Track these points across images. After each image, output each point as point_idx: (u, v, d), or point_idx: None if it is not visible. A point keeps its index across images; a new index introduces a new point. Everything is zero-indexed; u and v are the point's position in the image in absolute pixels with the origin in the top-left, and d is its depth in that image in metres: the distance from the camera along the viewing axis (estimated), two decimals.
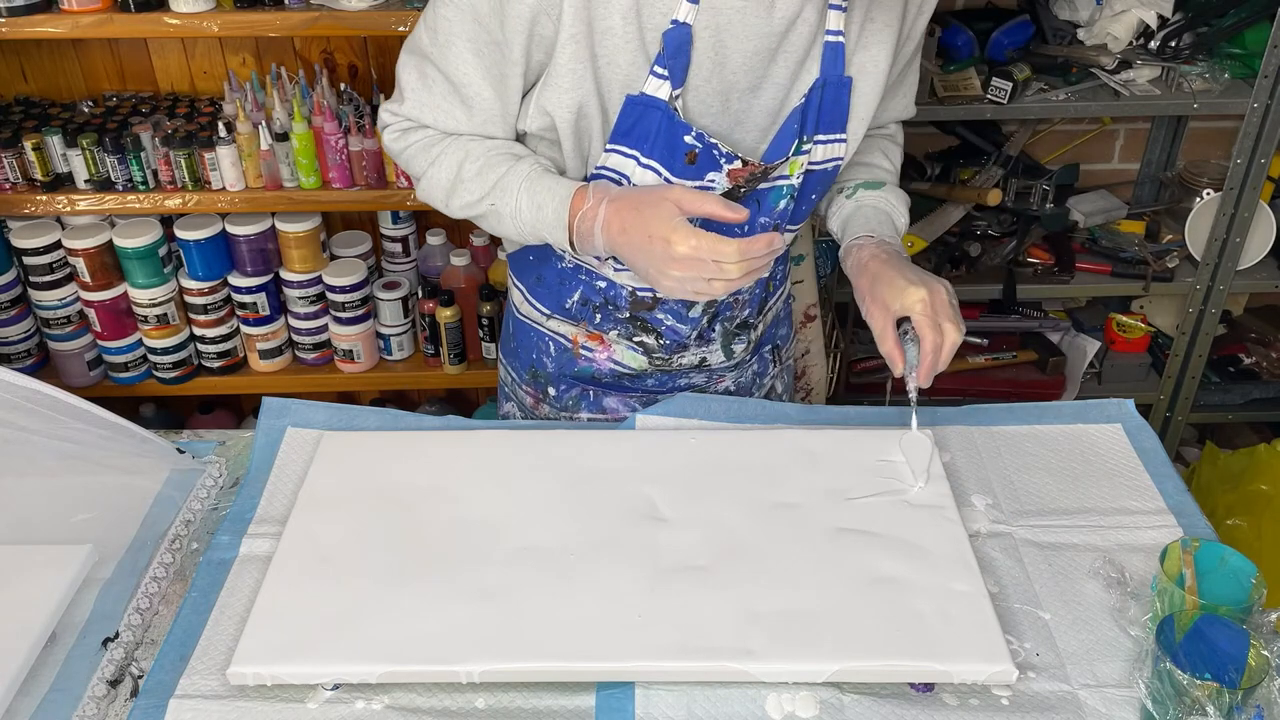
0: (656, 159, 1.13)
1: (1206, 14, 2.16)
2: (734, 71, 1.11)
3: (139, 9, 1.89)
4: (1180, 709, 0.87)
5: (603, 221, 1.10)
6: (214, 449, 1.28)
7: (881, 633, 0.98)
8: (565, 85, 1.10)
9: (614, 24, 1.06)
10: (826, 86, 1.14)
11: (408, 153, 1.21)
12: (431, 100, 1.17)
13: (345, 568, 1.05)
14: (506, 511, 1.12)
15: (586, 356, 1.34)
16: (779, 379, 1.50)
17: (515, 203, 1.14)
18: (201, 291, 2.19)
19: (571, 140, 1.15)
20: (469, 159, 1.17)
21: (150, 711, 0.94)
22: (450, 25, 1.11)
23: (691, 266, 1.06)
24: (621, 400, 1.37)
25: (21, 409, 1.11)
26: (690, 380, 1.38)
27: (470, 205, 1.18)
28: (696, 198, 1.07)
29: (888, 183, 1.31)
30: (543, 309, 1.35)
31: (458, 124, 1.17)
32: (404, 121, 1.21)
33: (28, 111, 2.14)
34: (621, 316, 1.30)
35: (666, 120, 1.10)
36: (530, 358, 1.39)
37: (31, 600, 1.02)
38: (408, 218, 2.28)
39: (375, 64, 2.23)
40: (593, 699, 0.96)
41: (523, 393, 1.43)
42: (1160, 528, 1.14)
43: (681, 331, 1.31)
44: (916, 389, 1.14)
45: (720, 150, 1.13)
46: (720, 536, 1.09)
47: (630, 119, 1.11)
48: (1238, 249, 2.22)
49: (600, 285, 1.28)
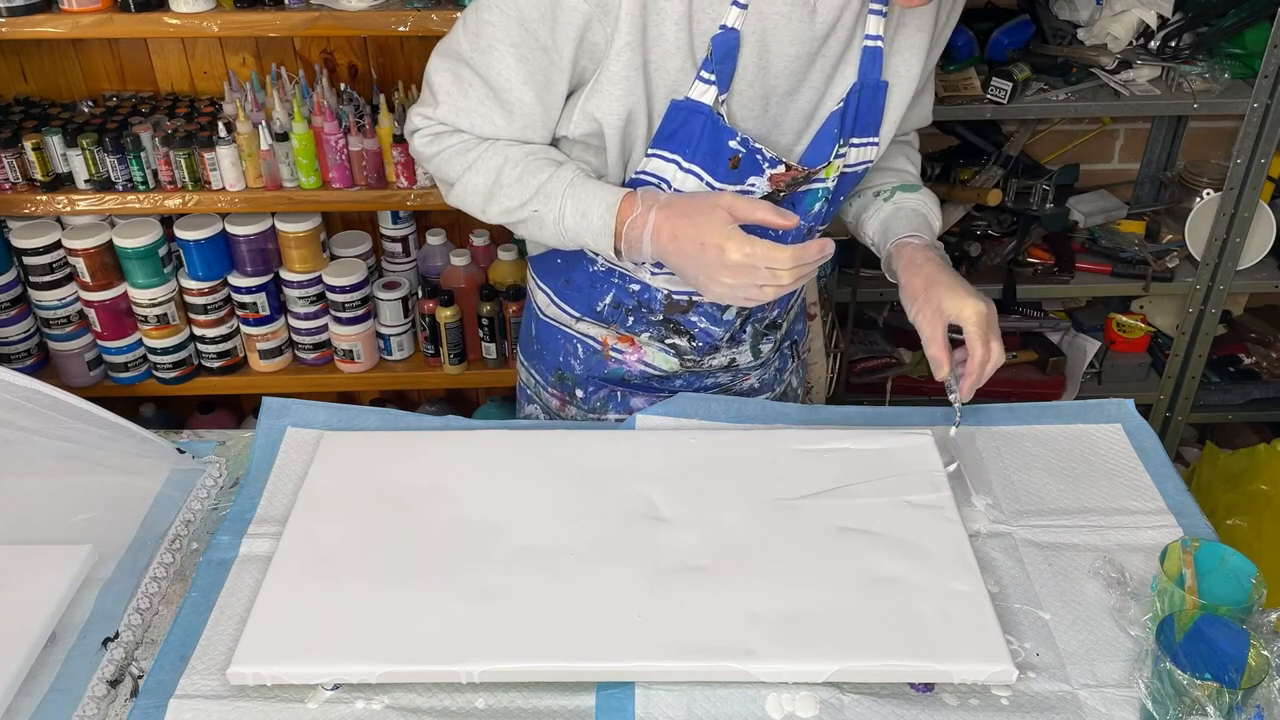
0: (699, 164, 1.13)
1: (1206, 14, 2.16)
2: (776, 76, 1.12)
3: (139, 9, 1.89)
4: (1180, 709, 0.87)
5: (652, 229, 1.10)
6: (214, 449, 1.28)
7: (881, 633, 0.98)
8: (617, 92, 1.09)
9: (666, 30, 1.06)
10: (864, 90, 1.15)
11: (440, 158, 1.19)
12: (467, 105, 1.15)
13: (345, 568, 1.05)
14: (506, 511, 1.12)
15: (617, 358, 1.35)
16: (795, 374, 1.51)
17: (559, 208, 1.13)
18: (201, 291, 2.19)
19: (617, 146, 1.14)
20: (508, 164, 1.15)
21: (150, 711, 0.94)
22: (494, 30, 1.09)
23: (744, 274, 1.06)
24: (648, 400, 1.37)
25: (21, 409, 1.11)
26: (717, 380, 1.39)
27: (509, 211, 1.17)
28: (748, 205, 1.07)
29: (921, 186, 1.33)
30: (572, 311, 1.34)
31: (495, 129, 1.16)
32: (436, 126, 1.18)
33: (28, 111, 2.14)
34: (655, 319, 1.30)
35: (710, 125, 1.10)
36: (557, 360, 1.39)
37: (31, 600, 1.02)
38: (408, 218, 2.28)
39: (375, 64, 2.23)
40: (593, 699, 0.96)
41: (548, 395, 1.42)
42: (1160, 528, 1.14)
43: (714, 334, 1.31)
44: (959, 402, 1.20)
45: (764, 155, 1.13)
46: (720, 536, 1.09)
47: (674, 124, 1.11)
48: (1238, 249, 2.22)
49: (634, 289, 1.28)
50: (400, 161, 2.06)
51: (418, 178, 2.07)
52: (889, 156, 1.34)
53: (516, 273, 2.27)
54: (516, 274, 2.27)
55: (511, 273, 2.26)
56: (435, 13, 1.89)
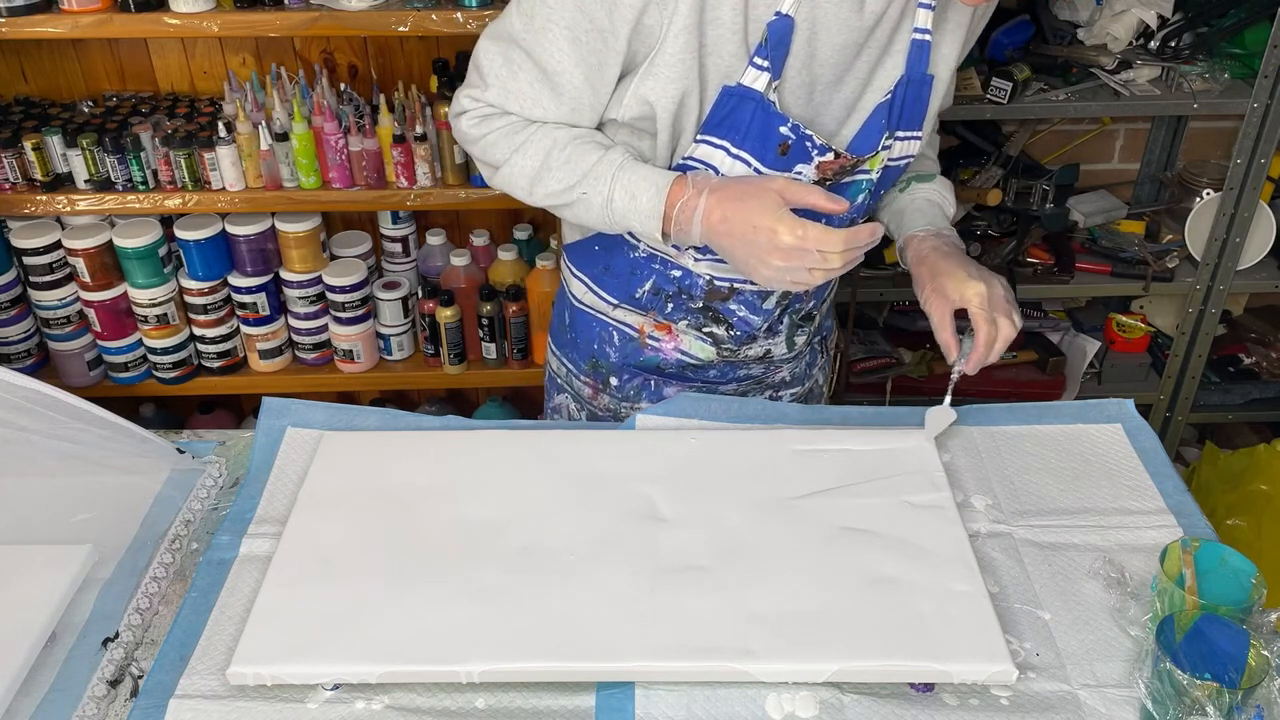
0: (748, 150, 1.14)
1: (1206, 14, 2.16)
2: (822, 65, 1.13)
3: (139, 9, 1.89)
4: (1180, 709, 0.87)
5: (704, 211, 1.11)
6: (214, 449, 1.28)
7: (881, 633, 0.98)
8: (672, 75, 1.10)
9: (723, 15, 1.07)
10: (910, 84, 1.16)
11: (487, 140, 1.20)
12: (517, 86, 1.16)
13: (345, 568, 1.05)
14: (506, 511, 1.12)
15: (653, 346, 1.36)
16: (822, 371, 1.52)
17: (608, 191, 1.14)
18: (201, 291, 2.19)
19: (668, 130, 1.15)
20: (556, 147, 1.16)
21: (150, 711, 0.94)
22: (550, 11, 1.10)
23: (795, 256, 1.08)
24: (681, 390, 1.38)
25: (21, 409, 1.11)
26: (750, 372, 1.40)
27: (556, 194, 1.18)
28: (799, 189, 1.09)
29: (936, 174, 1.35)
30: (609, 298, 1.35)
31: (544, 111, 1.17)
32: (485, 108, 1.19)
33: (28, 111, 2.14)
34: (694, 306, 1.31)
35: (761, 111, 1.12)
36: (591, 348, 1.40)
37: (31, 600, 1.02)
38: (408, 218, 2.28)
39: (375, 64, 2.23)
40: (593, 699, 0.96)
41: (580, 384, 1.43)
42: (1160, 528, 1.14)
43: (753, 323, 1.32)
44: (959, 373, 1.21)
45: (814, 142, 1.15)
46: (720, 536, 1.09)
47: (724, 110, 1.12)
48: (1238, 249, 2.22)
49: (675, 274, 1.29)
50: (400, 161, 2.06)
51: (417, 178, 2.07)
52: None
53: (516, 273, 2.27)
54: (516, 274, 2.27)
55: (511, 273, 2.26)
56: (435, 13, 1.89)
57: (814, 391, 1.51)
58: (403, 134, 2.03)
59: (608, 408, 1.42)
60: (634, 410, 1.37)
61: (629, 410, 1.39)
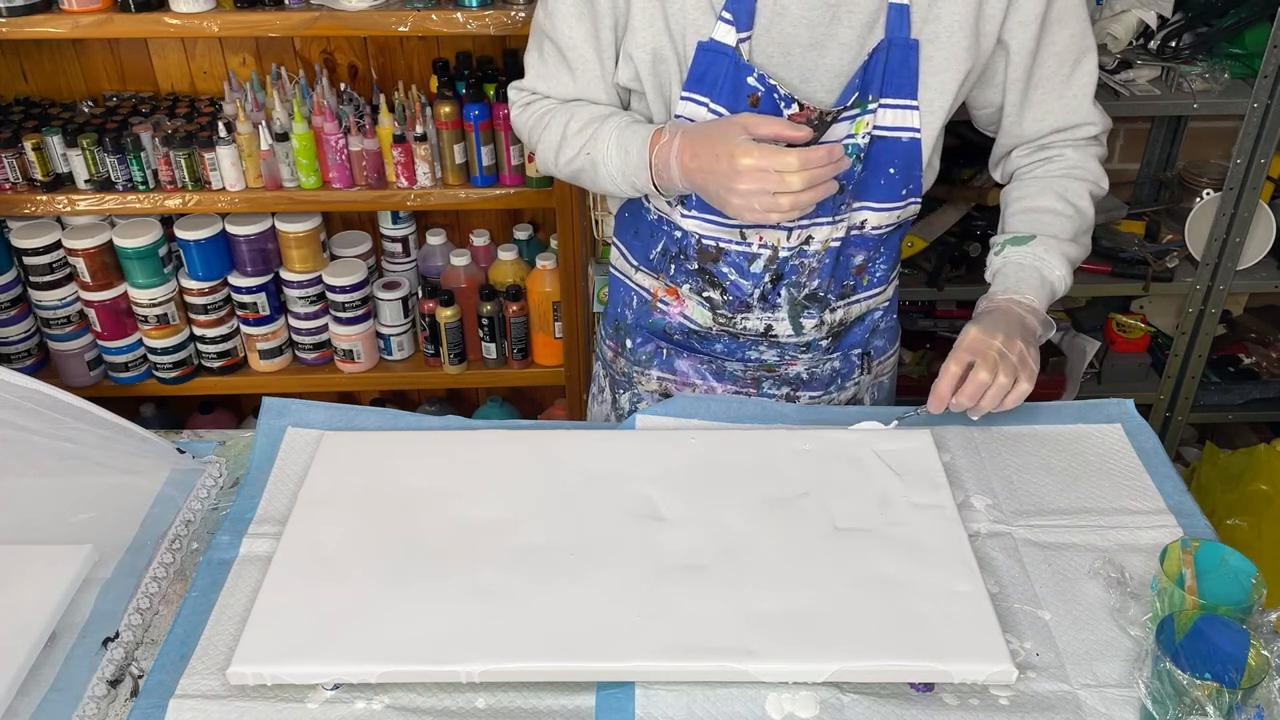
0: (723, 104, 1.20)
1: (1206, 14, 2.16)
2: (793, 24, 1.17)
3: (139, 9, 1.89)
4: (1180, 709, 0.87)
5: (676, 150, 1.17)
6: (214, 449, 1.28)
7: (881, 633, 0.98)
8: (641, 30, 1.20)
9: None
10: (892, 48, 1.18)
11: (527, 124, 1.33)
12: (546, 70, 1.29)
13: (345, 568, 1.05)
14: (506, 511, 1.12)
15: (662, 310, 1.41)
16: (869, 392, 1.48)
17: (606, 149, 1.23)
18: (201, 291, 2.19)
19: (653, 87, 1.24)
20: (573, 119, 1.26)
21: (150, 711, 0.94)
22: None
23: (756, 179, 1.11)
24: (692, 365, 1.42)
25: (21, 409, 1.11)
26: (761, 355, 1.39)
27: (571, 160, 1.27)
28: (761, 120, 1.13)
29: (1038, 235, 1.29)
30: (632, 261, 1.43)
31: (565, 89, 1.29)
32: (526, 95, 1.33)
33: (28, 111, 2.14)
34: (691, 268, 1.35)
35: (731, 65, 1.17)
36: (616, 311, 1.49)
37: (31, 600, 1.02)
38: (408, 218, 2.28)
39: (375, 64, 2.23)
40: (593, 699, 0.96)
41: (605, 346, 1.52)
42: (1160, 528, 1.14)
43: (743, 287, 1.33)
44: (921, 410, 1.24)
45: (779, 93, 1.18)
46: (720, 536, 1.09)
47: (701, 66, 1.19)
48: (1237, 249, 2.22)
49: (677, 235, 1.33)
50: (400, 161, 2.06)
51: (417, 178, 2.07)
52: (1034, 194, 1.32)
53: (516, 273, 2.27)
54: (516, 274, 2.27)
55: (511, 273, 2.27)
56: (435, 13, 1.89)
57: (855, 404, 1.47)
58: (403, 134, 2.04)
59: (624, 372, 1.48)
60: (644, 375, 1.45)
61: (640, 375, 1.45)
